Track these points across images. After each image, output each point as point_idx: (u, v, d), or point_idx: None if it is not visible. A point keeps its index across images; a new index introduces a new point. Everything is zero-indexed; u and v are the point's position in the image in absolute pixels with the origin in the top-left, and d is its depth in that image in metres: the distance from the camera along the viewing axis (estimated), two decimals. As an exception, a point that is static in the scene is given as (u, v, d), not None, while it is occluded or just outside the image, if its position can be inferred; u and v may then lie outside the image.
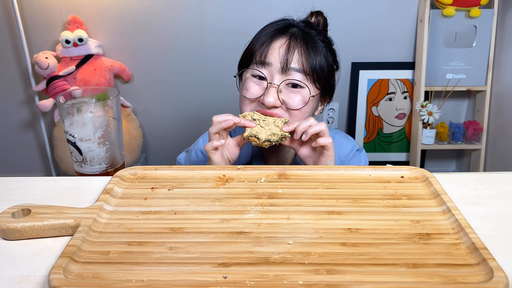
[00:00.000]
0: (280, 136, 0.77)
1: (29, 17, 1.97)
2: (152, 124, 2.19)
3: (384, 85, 2.11)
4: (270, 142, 0.77)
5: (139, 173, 0.63)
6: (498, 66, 1.98)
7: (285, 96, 0.82)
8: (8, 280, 0.43)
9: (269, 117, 0.80)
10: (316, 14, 0.92)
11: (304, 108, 0.83)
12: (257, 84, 0.83)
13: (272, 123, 0.78)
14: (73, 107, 0.72)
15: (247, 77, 0.86)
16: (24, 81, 2.09)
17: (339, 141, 0.96)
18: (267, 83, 0.82)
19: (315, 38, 0.85)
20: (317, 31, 0.87)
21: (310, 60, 0.82)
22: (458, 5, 1.90)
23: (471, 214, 0.53)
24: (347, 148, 0.96)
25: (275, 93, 0.81)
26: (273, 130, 0.77)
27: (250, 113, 0.81)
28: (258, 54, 0.84)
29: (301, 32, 0.84)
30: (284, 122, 0.79)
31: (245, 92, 0.84)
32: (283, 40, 0.83)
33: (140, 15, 1.98)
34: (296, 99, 0.82)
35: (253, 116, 0.80)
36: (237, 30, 1.98)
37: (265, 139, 0.76)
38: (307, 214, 0.53)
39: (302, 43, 0.82)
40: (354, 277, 0.41)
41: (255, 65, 0.84)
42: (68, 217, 0.50)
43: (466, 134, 2.04)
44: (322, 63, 0.83)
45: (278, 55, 0.82)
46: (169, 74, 2.09)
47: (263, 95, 0.82)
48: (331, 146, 0.76)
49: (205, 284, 0.40)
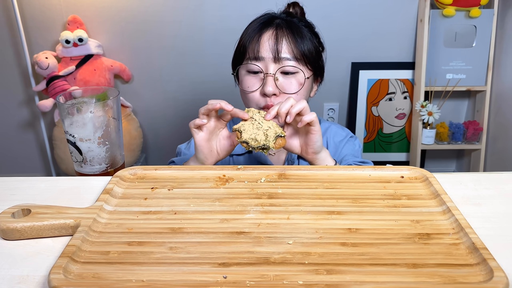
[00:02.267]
0: (260, 146, 0.70)
1: (29, 17, 1.97)
2: (152, 124, 2.19)
3: (384, 85, 2.11)
4: (247, 145, 0.71)
5: (139, 173, 0.63)
6: (498, 66, 1.98)
7: (282, 83, 0.87)
8: (8, 280, 0.43)
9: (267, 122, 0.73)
10: (293, 5, 0.98)
11: (301, 91, 0.88)
12: (254, 78, 0.88)
13: (265, 129, 0.72)
14: (73, 107, 0.72)
15: (244, 74, 0.90)
16: (24, 81, 2.09)
17: (333, 129, 1.01)
18: (264, 74, 0.86)
19: (298, 24, 0.90)
20: (298, 18, 0.92)
21: (298, 45, 0.87)
22: (458, 5, 1.90)
23: (471, 214, 0.53)
24: (341, 135, 1.00)
25: (273, 81, 0.86)
26: (258, 136, 0.71)
27: (255, 110, 0.76)
28: (250, 50, 0.88)
29: (284, 22, 0.89)
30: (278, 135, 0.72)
31: (245, 87, 0.89)
32: (270, 32, 0.87)
33: (140, 15, 1.98)
34: (292, 84, 0.87)
35: (254, 115, 0.74)
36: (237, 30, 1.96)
37: (244, 139, 0.71)
38: (307, 214, 0.53)
39: (288, 31, 0.87)
40: (354, 277, 0.41)
41: (249, 60, 0.88)
42: (68, 217, 0.50)
43: (466, 134, 2.04)
44: (309, 46, 0.88)
45: (269, 47, 0.86)
46: (169, 74, 2.09)
47: (261, 86, 0.86)
48: (316, 120, 0.74)
49: (205, 284, 0.40)
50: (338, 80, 2.09)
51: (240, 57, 0.91)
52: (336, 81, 2.08)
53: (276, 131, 0.72)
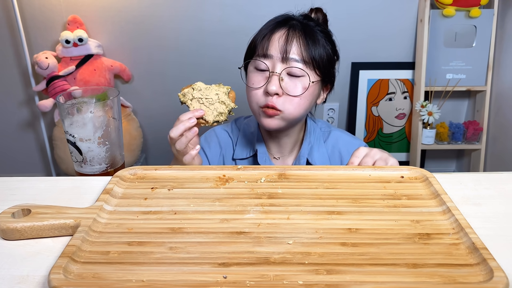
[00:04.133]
0: (227, 113, 0.79)
1: (29, 17, 1.97)
2: (152, 124, 2.19)
3: (384, 85, 2.11)
4: (219, 122, 0.79)
5: (139, 173, 0.63)
6: (498, 66, 1.97)
7: (287, 84, 0.85)
8: (8, 280, 0.43)
9: (211, 91, 0.80)
10: (316, 11, 0.95)
11: (305, 95, 0.86)
12: (260, 75, 0.88)
13: (216, 100, 0.78)
14: (73, 107, 0.72)
15: (251, 70, 0.90)
16: (24, 81, 2.09)
17: (346, 139, 1.00)
18: (269, 73, 0.85)
19: (313, 28, 0.88)
20: (316, 23, 0.91)
21: (308, 49, 0.85)
22: (458, 5, 1.90)
23: (471, 214, 0.53)
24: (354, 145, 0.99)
25: (277, 81, 0.84)
26: (218, 108, 0.78)
27: (189, 90, 0.81)
28: (260, 47, 0.88)
29: (300, 24, 0.88)
30: (228, 91, 0.80)
31: (250, 84, 0.89)
32: (282, 32, 0.86)
33: (140, 15, 1.98)
34: (297, 86, 0.85)
35: (194, 94, 0.80)
36: (238, 30, 1.98)
37: (213, 120, 0.78)
38: (307, 214, 0.53)
39: (301, 33, 0.86)
40: (354, 277, 0.41)
41: (258, 57, 0.88)
42: (68, 217, 0.50)
43: (466, 134, 2.04)
44: (320, 52, 0.87)
45: (278, 45, 0.85)
46: (169, 74, 2.09)
47: (266, 84, 0.86)
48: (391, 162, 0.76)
49: (205, 284, 0.40)
50: (338, 80, 2.06)
51: (250, 53, 0.91)
52: (336, 81, 2.07)
53: (222, 91, 0.79)
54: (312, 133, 0.97)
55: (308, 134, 0.97)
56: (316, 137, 0.98)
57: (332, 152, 0.98)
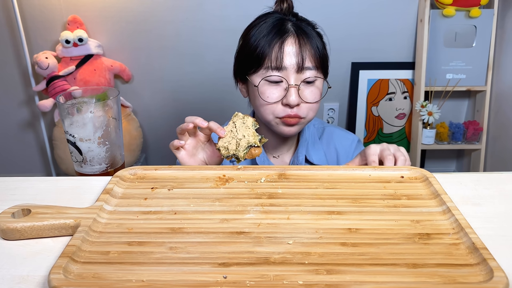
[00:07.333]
0: (230, 155, 0.69)
1: (29, 17, 1.97)
2: (152, 124, 2.19)
3: (384, 85, 2.11)
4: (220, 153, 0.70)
5: (139, 173, 0.63)
6: (498, 66, 1.98)
7: (304, 92, 0.86)
8: (8, 280, 0.43)
9: (244, 130, 0.70)
10: (285, 0, 0.92)
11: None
12: (275, 88, 0.85)
13: (239, 138, 0.69)
14: (73, 107, 0.72)
15: (262, 84, 0.86)
16: (24, 81, 2.09)
17: (340, 134, 1.02)
18: (288, 85, 0.84)
19: (307, 27, 0.88)
20: (306, 21, 0.90)
21: (316, 54, 0.86)
22: (458, 5, 1.90)
23: (471, 214, 0.53)
24: (348, 139, 1.02)
25: (296, 92, 0.84)
26: (230, 145, 0.69)
27: (240, 115, 0.73)
28: (270, 60, 0.84)
29: (298, 28, 0.86)
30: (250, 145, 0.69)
31: (265, 97, 0.86)
32: (292, 40, 0.84)
33: (140, 15, 1.98)
34: (313, 92, 0.87)
35: (237, 122, 0.71)
36: (238, 30, 1.97)
37: (218, 147, 0.70)
38: (307, 214, 0.53)
39: (306, 39, 0.85)
40: (354, 277, 0.41)
41: (270, 70, 0.84)
42: (68, 217, 0.50)
43: (466, 134, 2.04)
44: (322, 52, 0.88)
45: (293, 57, 0.84)
46: (169, 74, 2.09)
47: (284, 97, 0.84)
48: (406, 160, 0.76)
49: (205, 284, 0.40)
50: (338, 80, 2.09)
51: (251, 62, 0.86)
52: (336, 81, 2.08)
53: (249, 141, 0.68)
54: (307, 130, 0.99)
55: (304, 131, 0.98)
56: (311, 134, 0.99)
57: (328, 148, 1.00)
